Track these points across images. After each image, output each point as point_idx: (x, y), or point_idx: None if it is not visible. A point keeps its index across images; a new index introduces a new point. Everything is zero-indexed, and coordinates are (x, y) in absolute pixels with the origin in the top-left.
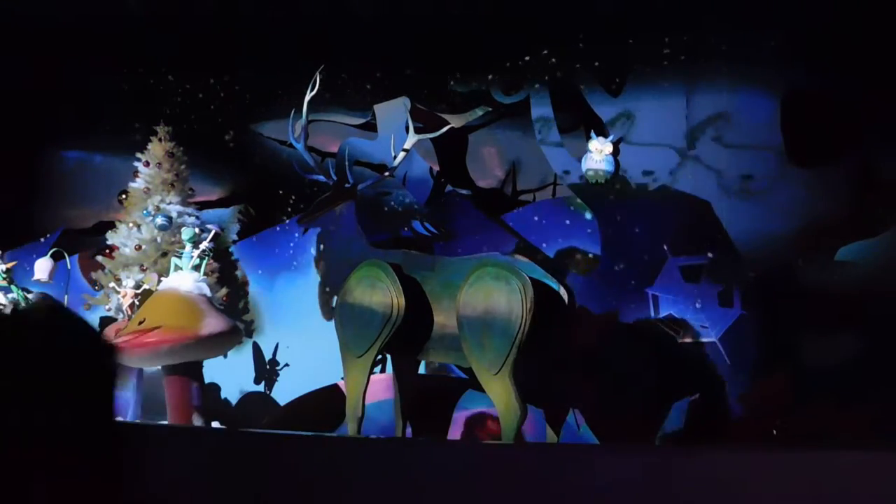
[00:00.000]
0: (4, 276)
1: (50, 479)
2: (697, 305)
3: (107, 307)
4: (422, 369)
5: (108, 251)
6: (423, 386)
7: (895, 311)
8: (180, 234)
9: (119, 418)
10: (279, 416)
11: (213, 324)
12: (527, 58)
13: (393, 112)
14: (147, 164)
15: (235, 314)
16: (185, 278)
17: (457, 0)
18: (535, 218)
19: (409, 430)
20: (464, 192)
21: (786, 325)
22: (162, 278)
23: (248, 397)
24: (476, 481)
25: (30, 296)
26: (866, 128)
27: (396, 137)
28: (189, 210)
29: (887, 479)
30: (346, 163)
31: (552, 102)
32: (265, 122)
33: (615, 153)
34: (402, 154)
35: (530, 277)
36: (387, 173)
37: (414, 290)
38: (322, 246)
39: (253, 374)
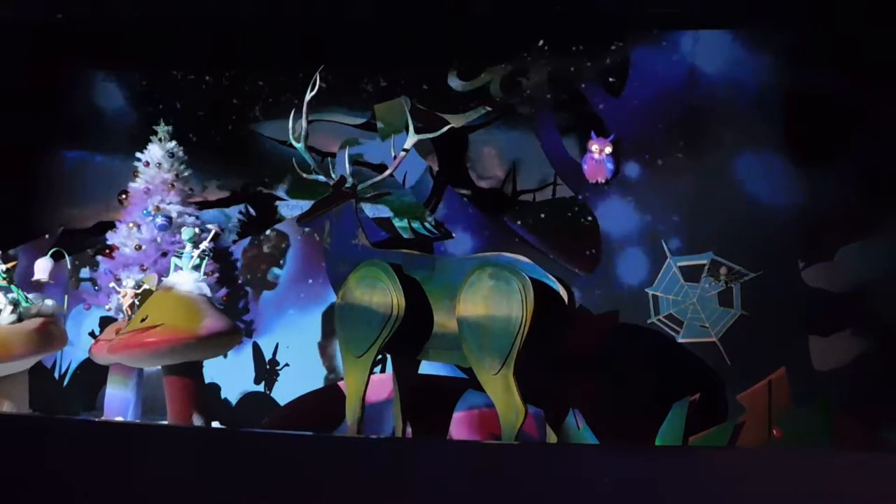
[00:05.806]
0: (4, 276)
1: None
2: (697, 305)
3: (107, 307)
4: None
5: (108, 251)
6: (423, 386)
7: (895, 311)
8: (180, 234)
9: (119, 418)
10: (279, 416)
11: (213, 324)
12: (527, 57)
13: (393, 112)
14: (147, 164)
15: (235, 314)
16: (185, 278)
17: (456, 0)
18: None
19: (409, 430)
20: (464, 191)
21: (786, 325)
22: (162, 278)
23: (248, 397)
24: (476, 481)
25: (30, 296)
26: (867, 128)
27: (396, 137)
28: (189, 210)
29: (887, 479)
30: (347, 163)
31: (552, 102)
32: (265, 122)
33: (615, 153)
34: (402, 154)
35: (530, 277)
36: (387, 173)
37: (414, 290)
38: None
39: (253, 374)
